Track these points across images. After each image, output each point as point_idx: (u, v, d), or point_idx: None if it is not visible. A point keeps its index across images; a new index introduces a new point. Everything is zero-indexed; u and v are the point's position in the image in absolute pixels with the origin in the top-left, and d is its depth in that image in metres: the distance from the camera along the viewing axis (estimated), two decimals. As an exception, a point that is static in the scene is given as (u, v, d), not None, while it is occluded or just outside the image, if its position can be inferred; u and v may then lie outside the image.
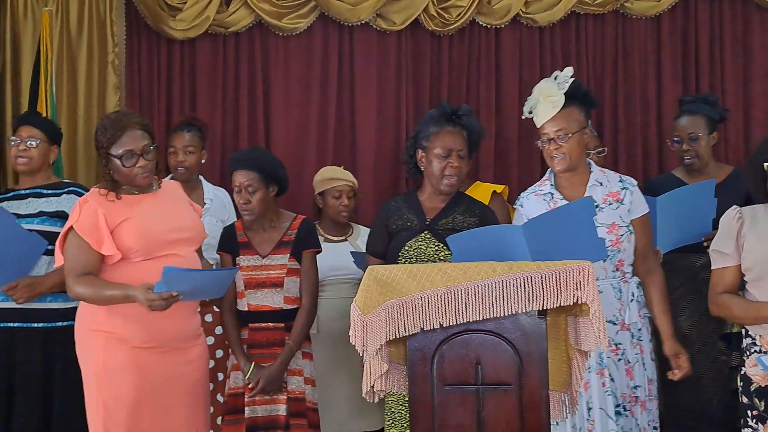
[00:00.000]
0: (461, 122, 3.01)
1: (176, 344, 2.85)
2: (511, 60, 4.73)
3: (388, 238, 3.03)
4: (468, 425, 2.29)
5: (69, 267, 2.76)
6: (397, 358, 2.46)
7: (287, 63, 4.73)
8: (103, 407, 2.73)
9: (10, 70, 4.44)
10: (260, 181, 3.14)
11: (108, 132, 2.79)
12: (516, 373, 2.28)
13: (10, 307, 3.20)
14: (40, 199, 3.33)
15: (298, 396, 3.14)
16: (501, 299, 2.21)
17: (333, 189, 3.85)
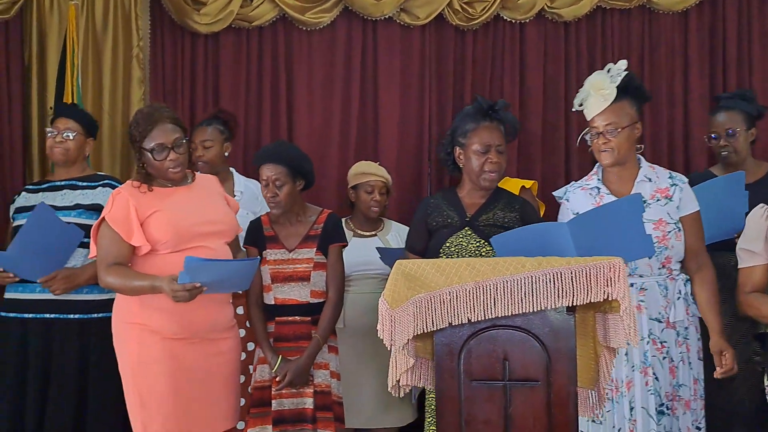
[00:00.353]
0: (498, 117, 3.00)
1: (208, 335, 2.89)
2: (536, 55, 4.70)
3: (427, 235, 3.03)
4: (495, 421, 2.27)
5: (100, 257, 2.81)
6: (424, 353, 2.45)
7: (310, 58, 4.73)
8: (139, 398, 2.79)
9: (36, 64, 4.48)
10: (287, 175, 3.15)
11: (140, 126, 2.85)
12: (544, 369, 2.26)
13: (47, 298, 3.24)
14: (75, 191, 3.36)
15: (324, 389, 3.14)
16: (530, 295, 2.19)
17: (366, 184, 3.85)
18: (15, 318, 3.29)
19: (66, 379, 3.24)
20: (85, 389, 3.25)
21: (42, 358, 3.25)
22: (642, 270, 2.89)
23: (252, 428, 3.13)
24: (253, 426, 3.13)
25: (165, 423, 2.78)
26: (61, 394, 3.23)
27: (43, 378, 3.24)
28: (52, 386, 3.24)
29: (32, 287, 3.27)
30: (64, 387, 3.24)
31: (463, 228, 2.96)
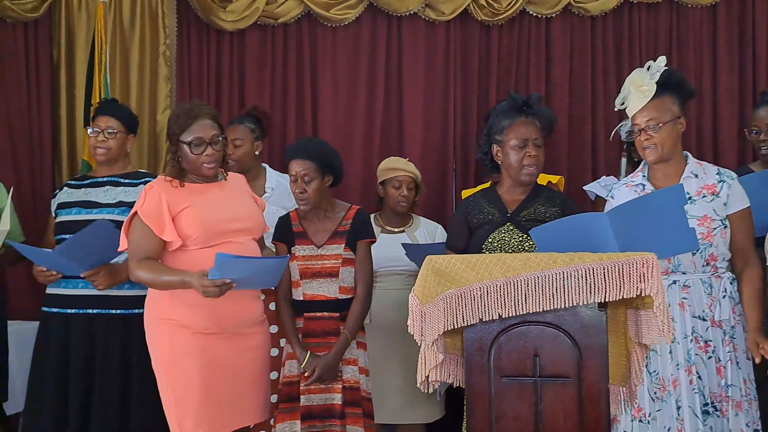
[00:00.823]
0: (533, 111, 2.98)
1: (238, 330, 2.90)
2: (562, 50, 4.68)
3: (468, 233, 3.02)
4: (525, 417, 2.27)
5: (132, 251, 2.83)
6: (453, 349, 2.45)
7: (335, 54, 4.74)
8: (173, 393, 2.81)
9: (65, 62, 4.53)
10: (316, 171, 3.15)
11: (180, 119, 2.87)
12: (575, 365, 2.25)
13: (89, 293, 3.26)
14: (117, 188, 3.38)
15: (353, 385, 3.14)
16: (561, 291, 2.18)
17: (393, 179, 3.84)
18: (58, 313, 3.31)
19: (109, 373, 3.26)
20: (129, 383, 3.28)
21: (85, 352, 3.27)
22: (685, 267, 2.86)
23: (280, 423, 3.13)
24: (282, 421, 3.14)
25: (198, 418, 2.80)
26: (105, 389, 3.25)
27: (87, 372, 3.26)
28: (95, 381, 3.26)
29: (75, 283, 3.29)
30: (107, 381, 3.26)
31: (504, 224, 2.95)
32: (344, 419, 3.09)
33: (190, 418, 2.80)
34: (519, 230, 2.92)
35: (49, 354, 3.31)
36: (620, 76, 4.53)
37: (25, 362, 3.73)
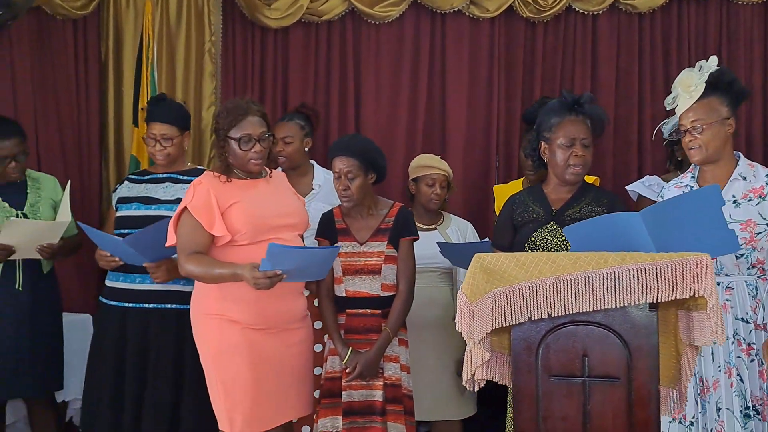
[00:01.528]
0: (584, 111, 2.95)
1: (283, 326, 2.93)
2: (608, 47, 4.63)
3: (513, 231, 3.01)
4: (573, 417, 2.24)
5: (181, 245, 2.85)
6: (499, 348, 2.43)
7: (378, 51, 4.74)
8: (223, 387, 2.83)
9: (113, 59, 4.59)
10: (360, 168, 3.16)
11: (230, 116, 2.89)
12: (624, 366, 2.22)
13: (146, 288, 3.33)
14: (176, 185, 3.43)
15: (394, 382, 3.15)
16: (612, 291, 2.15)
17: (427, 176, 3.83)
18: (116, 306, 3.38)
19: (163, 366, 3.32)
20: (181, 377, 3.32)
21: (140, 345, 3.33)
22: (729, 269, 2.81)
23: (323, 418, 3.16)
24: (324, 416, 3.16)
25: (248, 411, 2.83)
26: (158, 381, 3.31)
27: (141, 365, 3.32)
28: (149, 373, 3.32)
29: (133, 277, 3.36)
30: (160, 374, 3.31)
31: (548, 222, 2.93)
32: (385, 416, 3.10)
33: (239, 412, 2.82)
34: (563, 229, 2.89)
35: (106, 345, 3.38)
36: (668, 75, 4.49)
37: (74, 353, 3.82)
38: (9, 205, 3.51)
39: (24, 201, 3.55)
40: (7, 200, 3.52)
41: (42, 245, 3.43)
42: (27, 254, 3.45)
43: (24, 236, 3.38)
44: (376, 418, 3.11)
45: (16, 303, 3.48)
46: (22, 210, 3.53)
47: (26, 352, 3.48)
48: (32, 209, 3.55)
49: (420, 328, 3.57)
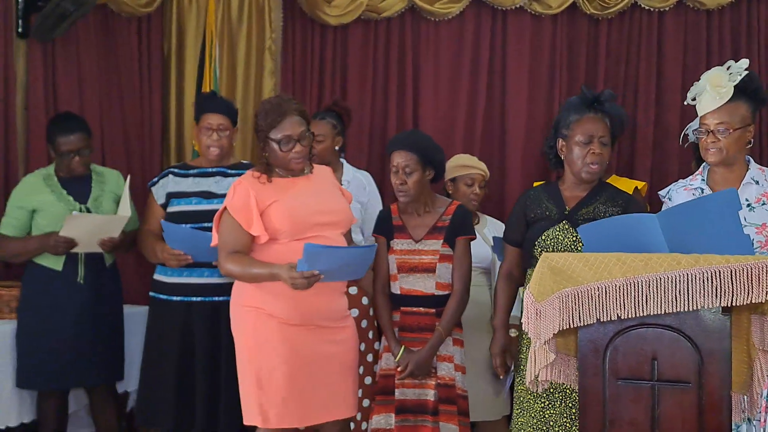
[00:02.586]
0: (603, 109, 2.90)
1: (322, 323, 2.89)
2: (674, 45, 4.53)
3: (525, 227, 2.96)
4: (641, 422, 2.20)
5: (221, 245, 2.87)
6: (564, 349, 2.40)
7: (438, 48, 4.71)
8: (257, 380, 2.82)
9: (175, 55, 4.65)
10: (417, 163, 3.14)
11: (269, 116, 2.86)
12: (695, 371, 2.17)
13: (212, 282, 3.37)
14: (226, 179, 3.47)
15: (447, 382, 3.13)
16: (684, 293, 2.11)
17: (466, 176, 3.81)
18: (179, 301, 3.42)
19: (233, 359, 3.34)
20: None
21: (209, 339, 3.37)
22: None
23: (377, 415, 3.15)
24: (378, 413, 3.16)
25: (282, 405, 2.80)
26: (230, 374, 3.32)
27: (214, 355, 3.36)
28: (222, 368, 3.35)
29: (199, 272, 3.40)
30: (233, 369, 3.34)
31: (560, 221, 2.87)
32: (437, 416, 3.07)
33: (273, 407, 2.80)
34: (575, 229, 2.83)
35: (170, 342, 3.41)
36: (737, 74, 4.36)
37: (135, 344, 3.89)
38: (73, 199, 3.58)
39: (88, 195, 3.62)
40: (71, 194, 3.59)
41: (103, 239, 3.49)
42: (88, 248, 3.51)
43: (85, 230, 3.45)
44: (428, 417, 3.09)
45: (77, 295, 3.55)
46: (85, 204, 3.60)
47: (87, 343, 3.55)
48: (95, 203, 3.61)
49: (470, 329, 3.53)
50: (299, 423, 2.89)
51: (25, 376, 3.51)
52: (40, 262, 3.55)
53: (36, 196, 3.57)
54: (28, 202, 3.56)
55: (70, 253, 3.51)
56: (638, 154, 4.51)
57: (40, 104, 4.18)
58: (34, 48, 4.18)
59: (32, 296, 3.55)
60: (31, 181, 3.64)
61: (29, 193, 3.59)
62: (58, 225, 3.45)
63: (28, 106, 4.20)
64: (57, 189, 3.59)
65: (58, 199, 3.56)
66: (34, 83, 4.19)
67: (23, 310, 3.56)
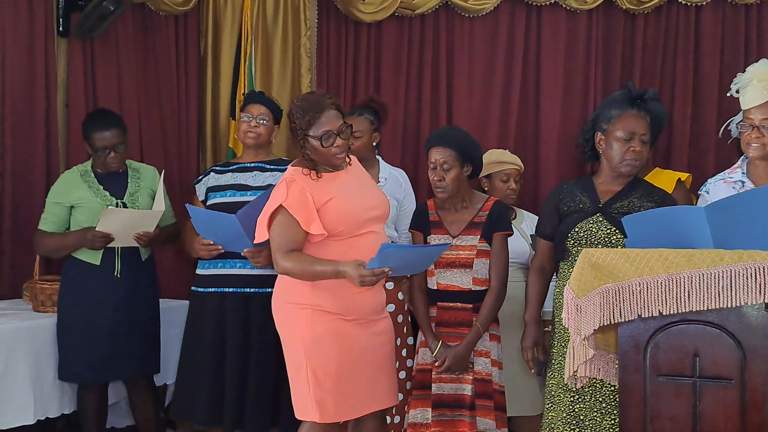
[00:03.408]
0: (646, 106, 2.89)
1: (369, 316, 2.93)
2: (712, 40, 4.48)
3: (558, 220, 2.96)
4: (682, 418, 2.19)
5: (277, 243, 2.83)
6: (604, 345, 2.39)
7: (472, 44, 4.71)
8: (313, 376, 2.83)
9: (211, 54, 4.69)
10: (456, 159, 3.14)
11: (306, 114, 2.83)
12: (738, 367, 2.15)
13: (245, 273, 3.41)
14: (264, 173, 3.51)
15: (484, 377, 3.13)
16: (728, 289, 2.09)
17: (501, 172, 3.78)
18: (213, 292, 3.46)
19: (265, 352, 3.38)
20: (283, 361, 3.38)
21: (241, 330, 3.41)
22: None
23: (413, 410, 3.17)
24: (415, 407, 3.17)
25: (340, 400, 2.84)
26: (261, 365, 3.38)
27: (243, 351, 3.40)
28: (252, 359, 3.39)
29: (232, 263, 3.43)
30: (263, 360, 3.38)
31: (594, 214, 2.87)
32: (474, 410, 3.08)
33: (330, 401, 2.83)
34: (609, 222, 2.82)
35: (204, 332, 3.45)
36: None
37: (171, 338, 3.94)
38: (110, 194, 3.62)
39: (124, 190, 3.66)
40: (108, 189, 3.63)
41: (138, 233, 3.53)
42: (124, 242, 3.55)
43: (121, 224, 3.49)
44: (465, 411, 3.10)
45: (114, 289, 3.59)
46: (122, 199, 3.63)
47: (124, 336, 3.59)
48: (131, 198, 3.65)
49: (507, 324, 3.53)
50: (353, 415, 2.92)
51: (66, 368, 3.57)
52: (78, 256, 3.59)
53: (74, 192, 3.61)
54: (66, 198, 3.61)
55: (107, 247, 3.56)
56: (675, 149, 4.47)
57: (80, 102, 4.24)
58: (74, 46, 4.25)
59: (71, 290, 3.60)
60: (69, 177, 3.68)
61: (67, 189, 3.63)
62: (95, 220, 3.50)
63: (69, 103, 4.26)
64: (94, 185, 3.63)
65: (95, 194, 3.60)
66: (75, 81, 4.25)
67: (63, 304, 3.60)
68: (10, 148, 4.03)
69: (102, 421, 3.76)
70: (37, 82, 4.13)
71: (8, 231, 4.03)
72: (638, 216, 2.51)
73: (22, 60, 4.08)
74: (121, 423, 4.16)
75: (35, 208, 3.82)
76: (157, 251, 3.92)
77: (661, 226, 2.36)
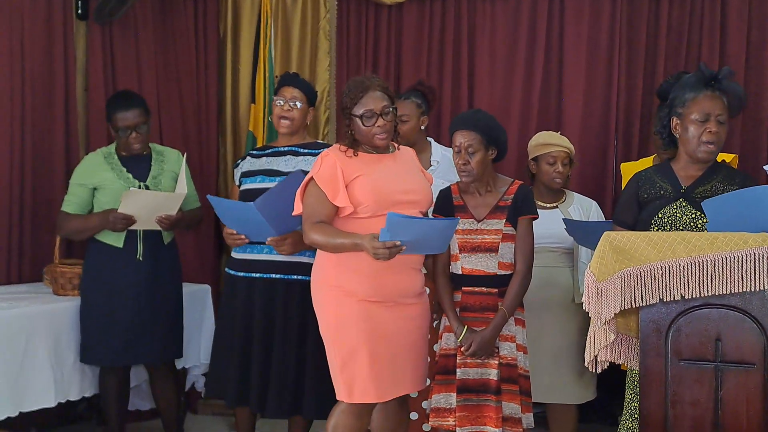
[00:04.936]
0: (721, 86, 2.82)
1: (399, 300, 2.94)
2: (738, 20, 4.38)
3: (637, 208, 2.90)
4: (703, 402, 2.17)
5: (306, 214, 2.91)
6: (625, 329, 2.37)
7: (493, 26, 4.66)
8: (341, 359, 2.88)
9: (231, 37, 4.69)
10: (480, 143, 3.11)
11: (352, 93, 2.92)
12: (761, 352, 2.13)
13: (273, 259, 3.41)
14: (297, 157, 3.49)
15: (509, 362, 3.11)
16: (751, 273, 2.07)
17: (547, 155, 3.74)
18: (243, 277, 3.47)
19: (288, 335, 3.40)
20: (305, 346, 3.40)
21: (266, 315, 3.42)
22: None
23: (436, 395, 3.15)
24: (438, 392, 3.15)
25: (365, 382, 2.86)
26: (284, 352, 3.39)
27: (268, 334, 3.41)
28: (276, 344, 3.40)
29: (260, 248, 3.43)
30: (286, 345, 3.39)
31: (677, 199, 2.82)
32: (500, 395, 3.06)
33: (357, 383, 2.86)
34: (692, 207, 2.76)
35: (234, 315, 3.47)
36: (803, 48, 4.23)
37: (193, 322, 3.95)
38: (133, 177, 3.63)
39: (147, 173, 3.66)
40: (131, 172, 3.64)
41: (160, 216, 3.53)
42: (146, 225, 3.55)
43: (143, 207, 3.48)
44: (491, 396, 3.08)
45: (137, 273, 3.60)
46: (144, 182, 3.64)
47: (147, 320, 3.61)
48: (154, 181, 3.65)
49: (538, 308, 3.51)
50: (379, 398, 2.93)
51: (88, 351, 3.58)
52: (101, 239, 3.61)
53: (97, 174, 3.62)
54: (89, 180, 3.62)
55: (130, 230, 3.56)
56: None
57: (100, 86, 4.25)
58: (93, 30, 4.24)
59: (94, 273, 3.61)
60: (93, 159, 3.69)
61: (90, 171, 3.64)
62: (118, 202, 3.50)
63: (88, 87, 4.27)
64: (117, 167, 3.63)
65: (118, 176, 3.61)
66: (94, 65, 4.26)
67: (86, 287, 3.62)
68: (30, 133, 4.04)
69: (124, 405, 3.79)
70: (56, 67, 4.14)
71: (28, 215, 4.04)
72: (718, 199, 2.46)
73: (41, 44, 4.08)
74: (144, 406, 4.19)
75: (55, 192, 3.84)
76: (179, 235, 3.93)
77: (743, 208, 2.31)
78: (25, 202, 4.04)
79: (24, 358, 3.33)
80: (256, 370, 3.40)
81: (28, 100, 4.04)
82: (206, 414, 4.56)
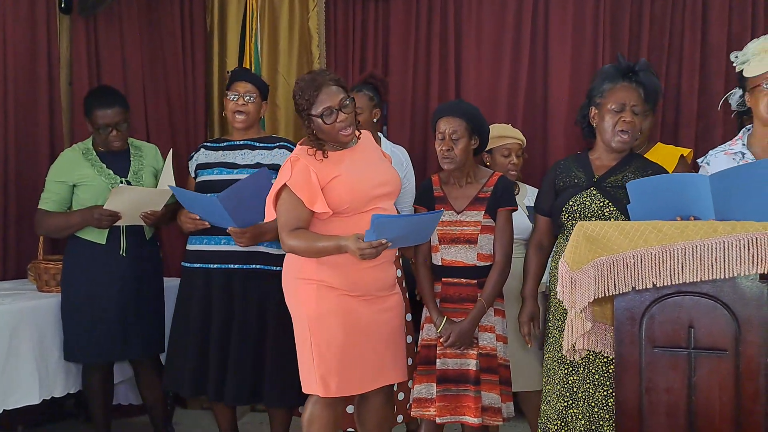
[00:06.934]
0: (638, 78, 2.89)
1: (376, 293, 2.96)
2: (720, 12, 4.40)
3: (554, 195, 3.02)
4: (677, 389, 2.20)
5: (282, 222, 2.86)
6: (601, 318, 2.40)
7: (480, 19, 4.67)
8: (317, 350, 2.88)
9: (218, 29, 4.69)
10: (465, 130, 3.13)
11: (305, 93, 2.85)
12: (732, 338, 2.16)
13: (230, 249, 3.42)
14: (253, 151, 3.51)
15: (489, 352, 3.14)
16: (721, 261, 2.10)
17: (502, 147, 3.75)
18: (200, 268, 3.48)
19: (247, 327, 3.42)
20: (264, 337, 3.42)
21: (224, 305, 3.43)
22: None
23: (418, 385, 3.18)
24: (419, 383, 3.18)
25: (342, 375, 2.87)
26: (242, 342, 3.41)
27: (226, 326, 3.43)
28: (233, 334, 3.42)
29: (218, 239, 3.45)
30: (244, 335, 3.41)
31: (588, 188, 2.89)
32: (479, 385, 3.09)
33: (334, 376, 2.87)
34: (602, 195, 2.86)
35: (191, 307, 3.48)
36: (785, 39, 4.24)
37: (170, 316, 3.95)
38: (113, 173, 3.61)
39: (127, 169, 3.65)
40: (111, 168, 3.62)
41: (146, 212, 3.52)
42: (131, 221, 3.54)
43: (130, 203, 3.48)
44: (470, 386, 3.11)
45: (119, 268, 3.60)
46: (125, 177, 3.62)
47: (130, 316, 3.61)
48: (135, 177, 3.64)
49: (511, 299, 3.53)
50: (356, 390, 2.95)
51: (72, 349, 3.57)
52: (83, 236, 3.58)
53: (76, 171, 3.59)
54: (69, 177, 3.59)
55: (113, 226, 3.55)
56: (682, 123, 4.42)
57: (84, 80, 4.25)
58: (77, 23, 4.24)
59: (76, 270, 3.59)
60: (70, 155, 3.65)
61: (69, 167, 3.60)
62: (99, 199, 3.50)
63: (72, 81, 4.27)
64: (97, 163, 3.61)
65: (99, 173, 3.59)
66: (78, 59, 4.25)
67: (67, 284, 3.60)
68: (13, 128, 4.04)
69: (108, 401, 3.79)
70: (40, 61, 4.13)
71: (12, 211, 4.05)
72: (644, 181, 2.52)
73: (23, 38, 4.07)
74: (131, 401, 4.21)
75: (39, 187, 3.83)
76: (161, 230, 3.93)
77: (665, 192, 2.37)
78: (9, 199, 4.05)
79: (8, 355, 3.32)
80: (214, 359, 3.41)
81: (11, 95, 4.04)
82: (195, 408, 4.58)
